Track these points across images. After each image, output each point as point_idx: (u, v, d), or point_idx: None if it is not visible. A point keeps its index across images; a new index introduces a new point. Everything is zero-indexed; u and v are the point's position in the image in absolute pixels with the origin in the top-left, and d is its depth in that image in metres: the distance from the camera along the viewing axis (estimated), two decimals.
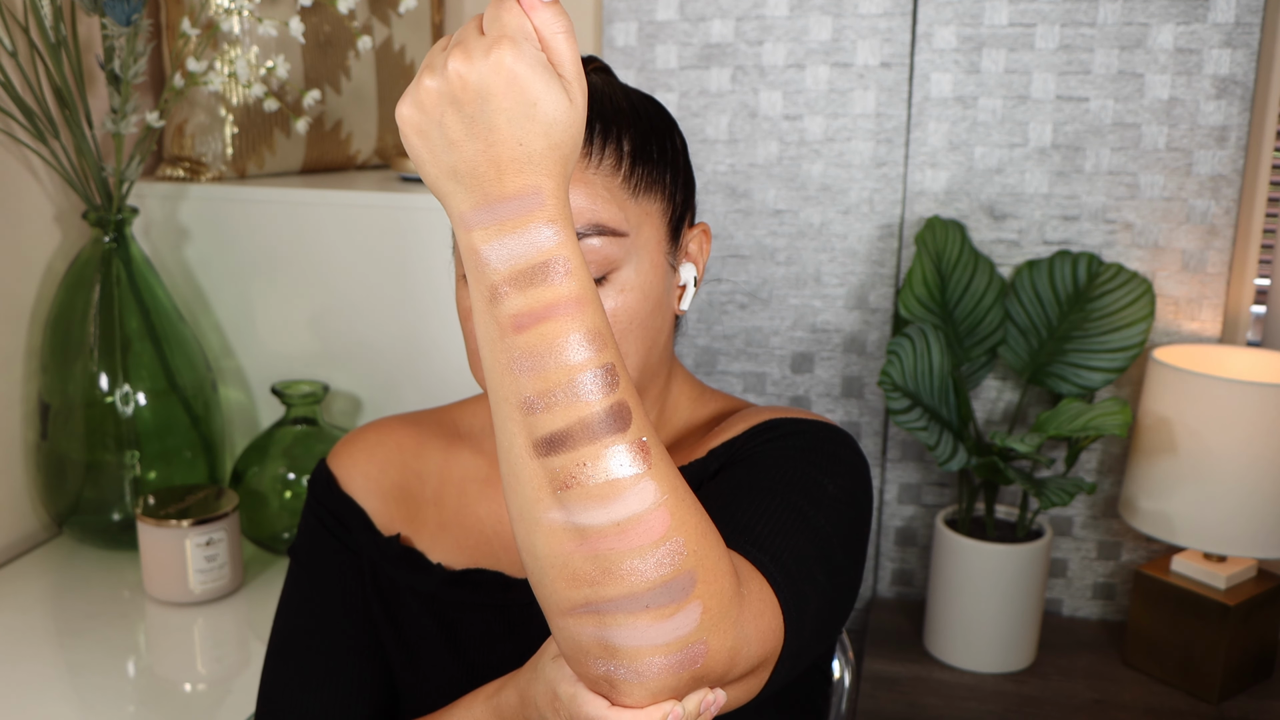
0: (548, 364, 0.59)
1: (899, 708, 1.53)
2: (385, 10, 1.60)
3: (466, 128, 0.60)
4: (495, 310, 0.60)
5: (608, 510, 0.58)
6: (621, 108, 0.79)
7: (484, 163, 0.60)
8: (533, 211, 0.60)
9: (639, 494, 0.59)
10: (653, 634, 0.59)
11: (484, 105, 0.59)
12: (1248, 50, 1.54)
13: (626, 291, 0.77)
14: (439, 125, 0.60)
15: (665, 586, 0.59)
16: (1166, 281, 1.64)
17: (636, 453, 0.59)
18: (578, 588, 0.60)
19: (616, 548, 0.59)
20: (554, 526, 0.60)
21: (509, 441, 0.61)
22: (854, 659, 1.21)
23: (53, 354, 1.37)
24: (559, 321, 0.59)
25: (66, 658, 1.19)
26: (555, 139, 0.60)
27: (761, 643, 0.65)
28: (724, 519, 0.72)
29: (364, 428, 0.96)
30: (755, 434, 0.82)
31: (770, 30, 1.68)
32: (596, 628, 0.60)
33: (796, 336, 1.77)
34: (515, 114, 0.59)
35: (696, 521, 0.61)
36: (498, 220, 0.60)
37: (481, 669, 0.86)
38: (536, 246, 0.59)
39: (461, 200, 0.61)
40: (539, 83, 0.59)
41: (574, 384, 0.59)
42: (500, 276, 0.60)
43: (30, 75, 1.34)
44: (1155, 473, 1.51)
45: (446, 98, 0.60)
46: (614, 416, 0.59)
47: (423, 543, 0.90)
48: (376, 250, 1.42)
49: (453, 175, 0.61)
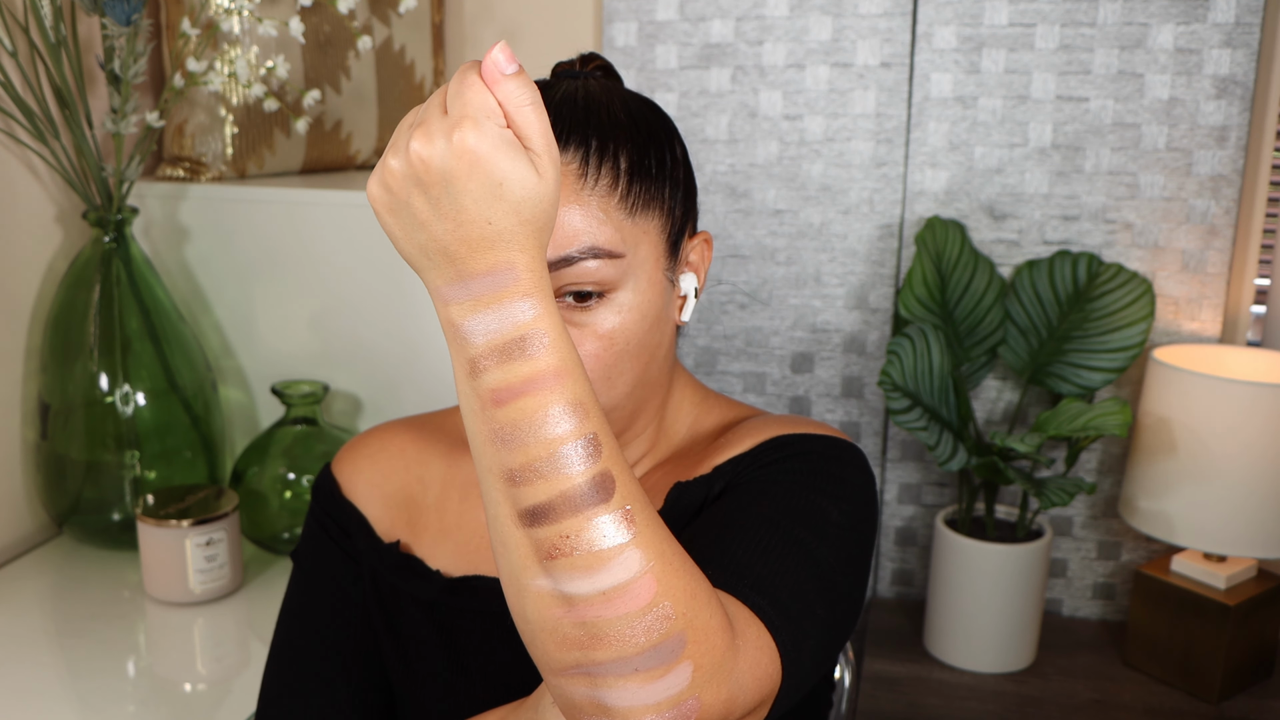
0: (528, 438, 0.59)
1: (899, 708, 1.53)
2: (385, 10, 1.60)
3: (433, 209, 0.59)
4: (475, 383, 0.60)
5: (593, 580, 0.59)
6: (619, 120, 0.77)
7: (454, 242, 0.59)
8: (507, 287, 0.59)
9: (624, 563, 0.59)
10: (644, 695, 0.59)
11: (448, 188, 0.58)
12: (1248, 50, 1.54)
13: (624, 312, 0.76)
14: (406, 206, 0.60)
15: (654, 650, 0.59)
16: (1166, 281, 1.64)
17: (621, 522, 0.59)
18: (568, 651, 0.60)
19: (603, 615, 0.59)
20: (541, 593, 0.60)
21: (495, 510, 0.61)
22: (854, 659, 1.21)
23: (53, 354, 1.37)
24: (539, 395, 0.59)
25: (66, 658, 1.19)
26: (525, 215, 0.60)
27: (758, 689, 0.65)
28: (724, 556, 0.71)
29: (367, 433, 0.96)
30: (761, 453, 0.81)
31: (770, 30, 1.68)
32: (589, 688, 0.60)
33: (796, 336, 1.77)
34: (481, 195, 0.58)
35: (684, 583, 0.61)
36: (472, 296, 0.60)
37: (480, 676, 0.86)
38: (513, 321, 0.59)
39: (436, 276, 0.61)
40: (505, 161, 0.58)
41: (556, 457, 0.59)
42: (478, 351, 0.60)
43: (30, 75, 1.34)
44: (1155, 473, 1.51)
45: (411, 179, 0.59)
46: (597, 487, 0.59)
47: (423, 549, 0.90)
48: (377, 250, 1.42)
49: (424, 253, 0.61)
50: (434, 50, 1.72)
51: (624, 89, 0.82)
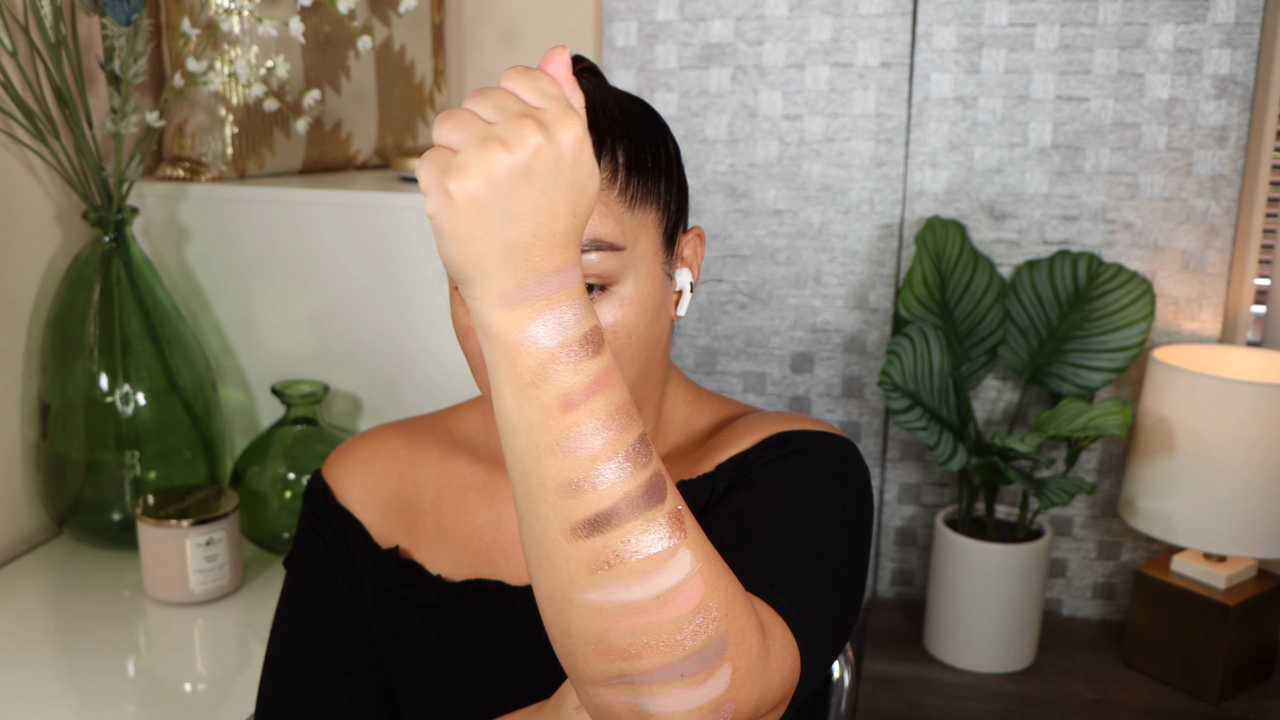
0: (595, 441, 0.57)
1: (899, 708, 1.53)
2: (385, 10, 1.60)
3: (533, 201, 0.57)
4: (539, 392, 0.57)
5: (648, 585, 0.57)
6: (614, 116, 0.78)
7: (541, 237, 0.57)
8: (573, 284, 0.58)
9: (677, 565, 0.58)
10: (686, 700, 0.59)
11: (556, 177, 0.57)
12: (1248, 50, 1.54)
13: (626, 305, 0.76)
14: (506, 200, 0.57)
15: (700, 654, 0.58)
16: (1166, 281, 1.64)
17: (674, 523, 0.58)
18: (612, 661, 0.59)
19: (655, 620, 0.58)
20: (590, 606, 0.58)
21: (541, 526, 0.59)
22: (854, 659, 1.21)
23: (53, 354, 1.37)
24: (606, 394, 0.58)
25: (66, 658, 1.19)
26: (588, 211, 0.59)
27: (784, 686, 0.65)
28: (743, 556, 0.71)
29: (358, 437, 0.96)
30: (763, 450, 0.81)
31: (770, 30, 1.68)
32: (630, 696, 0.59)
33: (796, 336, 1.77)
34: (578, 185, 0.58)
35: (726, 583, 0.60)
36: (545, 294, 0.57)
37: (483, 680, 0.86)
38: (580, 318, 0.58)
39: (507, 278, 0.57)
40: (590, 155, 0.58)
41: (620, 460, 0.57)
42: (548, 354, 0.57)
43: (30, 75, 1.34)
44: (1155, 473, 1.51)
45: (522, 171, 0.56)
46: (654, 489, 0.58)
47: (421, 554, 0.90)
48: (376, 250, 1.42)
49: (507, 253, 0.57)
50: (434, 50, 1.72)
51: (614, 88, 0.82)
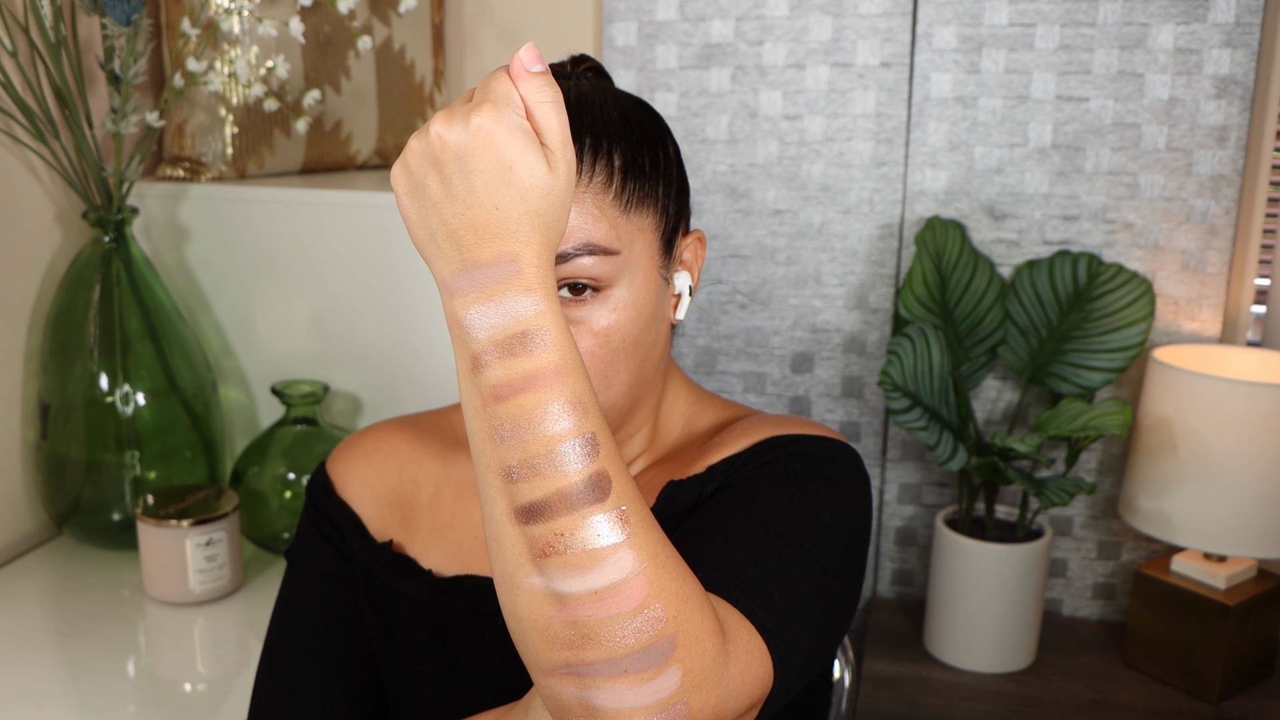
0: (527, 435, 0.60)
1: (899, 708, 1.53)
2: (385, 10, 1.61)
3: (446, 189, 0.61)
4: (476, 379, 0.61)
5: (585, 579, 0.59)
6: (612, 118, 0.77)
7: (462, 226, 0.61)
8: (510, 280, 0.61)
9: (617, 563, 0.59)
10: (632, 697, 0.60)
11: (461, 166, 0.60)
12: (1248, 50, 1.54)
13: (620, 310, 0.76)
14: (422, 186, 0.62)
15: (644, 652, 0.59)
16: (1166, 281, 1.64)
17: (616, 522, 0.60)
18: (558, 650, 0.60)
19: (595, 615, 0.59)
20: (534, 591, 0.60)
21: (491, 507, 0.62)
22: (854, 659, 1.21)
23: (53, 354, 1.37)
24: (538, 392, 0.60)
25: (66, 658, 1.19)
26: (532, 205, 0.61)
27: (749, 693, 0.65)
28: (715, 558, 0.71)
29: (362, 432, 0.96)
30: (755, 453, 0.81)
31: (770, 30, 1.68)
32: (577, 689, 0.60)
33: (796, 336, 1.77)
34: (491, 177, 0.60)
35: (676, 586, 0.61)
36: (476, 287, 0.61)
37: (472, 676, 0.86)
38: (514, 316, 0.60)
39: (443, 265, 0.62)
40: (516, 147, 0.60)
41: (554, 454, 0.60)
42: (480, 346, 0.61)
43: (30, 75, 1.34)
44: (1155, 473, 1.51)
45: (428, 158, 0.61)
46: (594, 486, 0.60)
47: (416, 548, 0.90)
48: (377, 250, 1.42)
49: (434, 238, 0.62)
50: (434, 50, 1.72)
51: (616, 89, 0.82)
